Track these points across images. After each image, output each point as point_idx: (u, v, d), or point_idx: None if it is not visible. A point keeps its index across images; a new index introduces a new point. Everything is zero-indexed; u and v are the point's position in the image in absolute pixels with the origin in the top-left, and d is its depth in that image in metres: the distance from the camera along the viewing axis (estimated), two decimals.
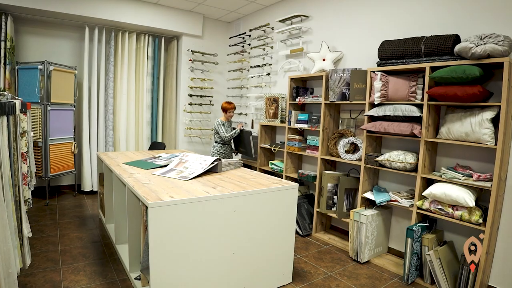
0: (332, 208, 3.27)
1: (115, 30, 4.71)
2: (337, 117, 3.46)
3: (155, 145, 4.53)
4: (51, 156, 4.20)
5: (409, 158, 2.60)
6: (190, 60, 4.98)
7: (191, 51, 4.96)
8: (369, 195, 2.94)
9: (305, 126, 3.51)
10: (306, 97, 3.51)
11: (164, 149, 4.32)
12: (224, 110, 3.96)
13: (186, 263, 1.84)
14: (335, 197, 3.25)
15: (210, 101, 5.24)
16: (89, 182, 4.69)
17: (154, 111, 5.10)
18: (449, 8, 2.62)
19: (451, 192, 2.33)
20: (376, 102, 2.79)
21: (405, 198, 2.72)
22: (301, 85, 3.75)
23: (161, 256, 1.76)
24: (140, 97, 4.95)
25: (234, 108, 4.02)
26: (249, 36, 4.75)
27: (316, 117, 3.38)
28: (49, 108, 4.11)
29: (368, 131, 2.89)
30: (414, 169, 2.63)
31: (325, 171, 3.27)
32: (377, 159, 2.77)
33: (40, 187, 4.55)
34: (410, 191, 2.85)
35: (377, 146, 3.05)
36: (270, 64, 4.37)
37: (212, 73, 5.23)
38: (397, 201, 2.75)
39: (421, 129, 2.54)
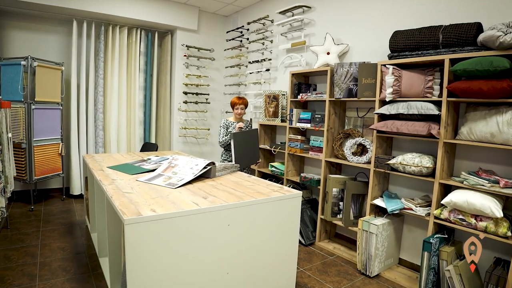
0: (338, 215, 2.99)
1: (105, 24, 4.43)
2: (343, 116, 3.17)
3: (147, 146, 4.26)
4: (36, 158, 3.93)
5: (426, 161, 2.32)
6: (185, 55, 4.69)
7: (186, 46, 4.68)
8: (379, 202, 2.67)
9: (307, 125, 3.22)
10: (309, 94, 3.23)
11: (156, 150, 4.04)
12: (232, 105, 3.32)
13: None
14: (341, 203, 2.97)
15: (207, 99, 4.95)
16: (78, 185, 4.42)
17: (147, 110, 4.82)
18: None
19: (475, 200, 2.05)
20: (387, 99, 2.51)
21: (420, 206, 2.45)
22: (303, 81, 3.47)
23: (140, 281, 1.48)
24: (132, 95, 4.67)
25: (245, 104, 3.26)
26: (247, 30, 4.47)
27: (320, 116, 3.10)
28: (33, 107, 3.84)
29: (378, 131, 2.61)
30: (431, 173, 2.36)
31: (330, 175, 2.99)
32: (389, 162, 2.49)
33: (25, 191, 4.29)
34: (424, 197, 2.58)
35: (387, 148, 2.77)
36: (270, 59, 4.09)
37: (208, 70, 4.94)
38: (411, 209, 2.47)
39: (439, 129, 2.26)
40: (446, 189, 2.38)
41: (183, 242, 1.58)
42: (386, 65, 2.53)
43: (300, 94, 3.28)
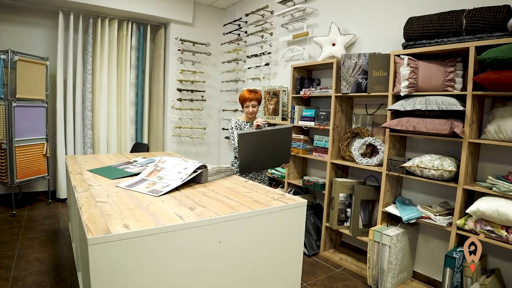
0: (345, 223, 2.70)
1: (94, 17, 4.15)
2: (350, 113, 2.89)
3: (138, 147, 3.97)
4: (17, 160, 3.65)
5: (447, 164, 2.03)
6: (179, 50, 4.40)
7: (180, 40, 4.39)
8: (392, 209, 2.38)
9: (311, 123, 2.94)
10: (313, 89, 2.94)
11: (147, 150, 3.75)
12: (240, 102, 2.56)
13: None
14: (348, 210, 2.69)
15: (202, 96, 4.66)
16: (65, 188, 4.14)
17: (139, 108, 4.54)
18: None
19: (507, 209, 1.77)
20: (402, 94, 2.23)
21: (439, 215, 2.16)
22: (305, 76, 3.18)
23: None
24: (123, 92, 4.39)
25: (259, 99, 2.51)
26: (245, 22, 4.18)
27: (324, 113, 2.82)
28: (14, 104, 3.56)
29: (391, 130, 2.32)
30: (452, 178, 2.07)
31: (336, 179, 2.71)
32: (405, 165, 2.20)
33: (8, 194, 4.00)
34: (443, 204, 2.29)
35: (400, 149, 2.48)
36: (269, 53, 3.80)
37: (204, 65, 4.66)
38: (429, 218, 2.18)
39: (463, 127, 1.97)
40: (470, 196, 2.10)
41: (162, 264, 1.30)
42: (401, 56, 2.24)
43: (303, 90, 3.00)
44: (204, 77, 4.66)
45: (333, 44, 2.87)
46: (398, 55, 2.27)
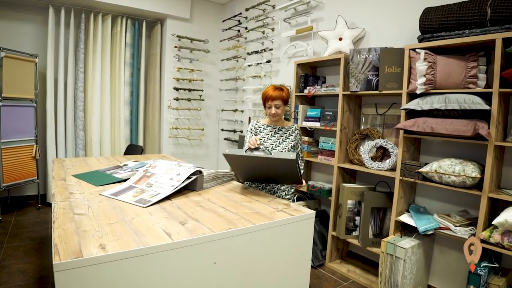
0: (353, 232, 2.49)
1: (86, 12, 3.95)
2: (359, 113, 2.68)
3: (132, 149, 3.76)
4: (4, 163, 3.44)
5: (470, 170, 1.82)
6: (175, 46, 4.20)
7: (177, 36, 4.18)
8: (405, 218, 2.17)
9: (316, 124, 2.73)
10: (318, 87, 2.73)
11: (141, 153, 3.55)
12: (262, 100, 2.05)
13: None
14: (357, 218, 2.48)
15: (200, 96, 4.45)
16: None
17: (133, 108, 4.33)
18: None
19: None
20: (418, 91, 2.02)
21: (459, 225, 1.95)
22: (310, 73, 2.97)
23: None
24: (117, 91, 4.18)
25: (284, 98, 1.97)
26: (246, 18, 3.97)
27: (331, 113, 2.61)
28: (0, 103, 3.35)
29: (406, 131, 2.11)
30: (475, 185, 1.86)
31: (344, 184, 2.50)
32: (421, 170, 1.99)
33: None
34: (462, 213, 2.08)
35: (415, 152, 2.27)
36: (271, 49, 3.60)
37: (202, 63, 4.45)
38: (448, 229, 1.98)
39: (489, 128, 1.77)
40: (493, 205, 1.89)
41: None
42: (416, 50, 2.04)
43: (307, 88, 2.79)
44: (202, 75, 4.46)
45: (340, 39, 2.66)
46: (414, 49, 2.06)
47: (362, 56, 2.34)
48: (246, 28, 3.91)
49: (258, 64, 3.71)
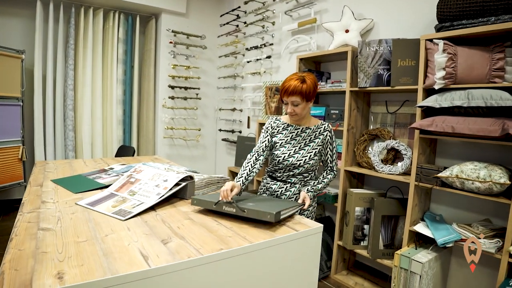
0: (362, 242, 2.28)
1: (76, 6, 3.74)
2: (367, 112, 2.46)
3: (123, 150, 3.55)
4: None
5: (497, 175, 1.60)
6: (171, 42, 3.98)
7: (173, 31, 3.97)
8: (421, 228, 1.95)
9: None
10: (323, 83, 2.51)
11: (133, 154, 3.33)
12: (280, 94, 1.63)
13: None
14: (365, 227, 2.26)
15: (197, 94, 4.24)
16: None
17: (126, 107, 4.11)
18: None
19: None
20: (437, 86, 1.80)
21: (484, 237, 1.73)
22: (313, 68, 2.76)
23: None
24: (109, 89, 3.97)
25: (303, 93, 1.52)
26: (245, 12, 3.76)
27: (337, 112, 2.39)
28: None
29: (422, 131, 1.89)
30: (503, 192, 1.64)
31: (351, 189, 2.28)
32: (441, 175, 1.77)
33: None
34: (485, 223, 1.86)
35: (430, 154, 2.05)
36: (271, 44, 3.38)
37: (199, 60, 4.23)
38: (472, 241, 1.75)
39: None
40: None
41: None
42: (434, 40, 1.82)
43: None
44: (199, 72, 4.24)
45: (347, 31, 2.45)
46: (431, 40, 1.85)
47: (372, 49, 2.12)
48: (245, 22, 3.70)
49: (257, 60, 3.49)
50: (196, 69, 4.19)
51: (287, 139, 1.66)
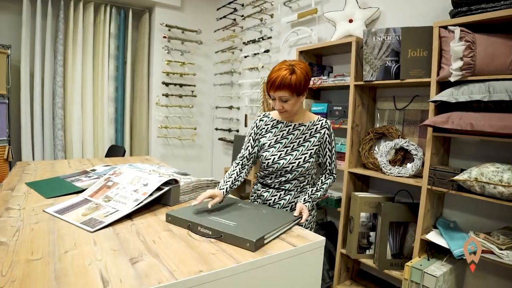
0: (367, 250, 2.08)
1: None
2: (373, 108, 2.27)
3: (113, 150, 3.37)
4: None
5: None
6: (164, 36, 3.80)
7: (167, 25, 3.79)
8: (434, 237, 1.76)
9: None
10: (324, 77, 2.32)
11: (123, 155, 3.15)
12: (266, 88, 1.40)
13: None
14: (371, 234, 2.07)
15: (192, 92, 4.05)
16: None
17: (119, 105, 3.93)
18: None
19: None
20: (453, 79, 1.61)
21: (506, 248, 1.53)
22: (314, 62, 2.57)
23: None
24: (100, 86, 3.79)
25: (292, 87, 1.28)
26: (242, 5, 3.57)
27: (340, 108, 2.20)
28: None
29: (436, 129, 1.70)
30: None
31: (356, 193, 2.09)
32: (457, 178, 1.58)
33: None
34: (506, 231, 1.66)
35: (444, 155, 1.86)
36: (270, 37, 3.19)
37: (194, 56, 4.05)
38: (492, 252, 1.56)
39: None
40: None
41: None
42: (449, 27, 1.63)
43: (312, 79, 2.38)
44: (195, 69, 4.05)
45: (350, 21, 2.26)
46: (445, 27, 1.66)
47: (379, 39, 1.93)
48: (242, 16, 3.51)
49: (255, 54, 3.30)
50: (191, 65, 4.00)
51: (277, 138, 1.44)
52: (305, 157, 1.39)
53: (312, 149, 1.40)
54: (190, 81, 4.04)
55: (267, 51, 3.18)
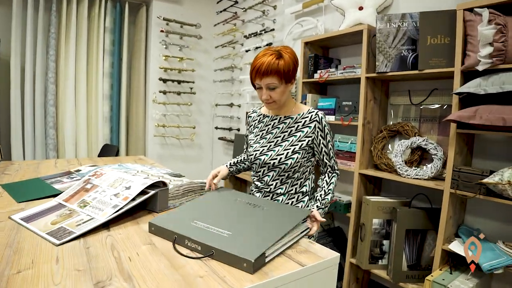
0: (380, 261, 1.89)
1: None
2: (385, 104, 2.07)
3: (107, 150, 3.20)
4: None
5: None
6: (162, 30, 3.62)
7: (164, 19, 3.61)
8: (457, 247, 1.56)
9: (331, 118, 2.13)
10: (332, 70, 2.13)
11: (117, 154, 2.97)
12: (250, 77, 1.24)
13: None
14: (385, 242, 1.87)
15: (191, 89, 3.87)
16: None
17: (114, 103, 3.76)
18: None
19: None
20: (481, 67, 1.41)
21: None
22: (321, 54, 2.37)
23: None
24: (94, 83, 3.62)
25: (280, 72, 1.16)
26: None
27: (350, 104, 2.01)
28: None
29: (460, 125, 1.50)
30: None
31: (368, 197, 1.89)
32: (486, 181, 1.38)
33: None
34: None
35: (467, 154, 1.66)
36: (273, 30, 3.00)
37: (193, 51, 3.87)
38: None
39: None
40: None
41: None
42: (475, 9, 1.43)
43: (319, 72, 2.19)
44: (194, 65, 3.87)
45: (360, 8, 2.07)
46: (471, 9, 1.46)
47: (394, 25, 1.74)
48: (243, 8, 3.32)
49: (256, 48, 3.12)
50: (190, 61, 3.82)
51: (262, 134, 1.34)
52: (288, 152, 1.25)
53: (297, 144, 1.26)
54: (189, 78, 3.86)
55: (269, 44, 3.00)
